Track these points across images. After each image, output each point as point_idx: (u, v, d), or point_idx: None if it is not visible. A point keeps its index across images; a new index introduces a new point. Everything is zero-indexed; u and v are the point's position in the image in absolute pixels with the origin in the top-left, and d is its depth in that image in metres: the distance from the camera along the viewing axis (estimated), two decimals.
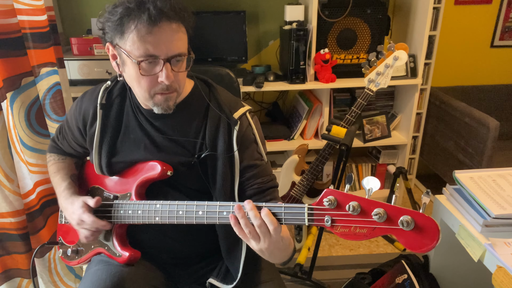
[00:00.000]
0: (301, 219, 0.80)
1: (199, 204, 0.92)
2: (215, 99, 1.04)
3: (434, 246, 0.68)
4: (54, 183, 1.16)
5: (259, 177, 1.02)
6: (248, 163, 1.02)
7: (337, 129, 1.61)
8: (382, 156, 2.54)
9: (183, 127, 1.02)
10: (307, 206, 0.79)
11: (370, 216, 0.72)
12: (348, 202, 0.74)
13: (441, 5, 2.39)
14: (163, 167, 1.00)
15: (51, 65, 1.51)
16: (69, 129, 1.14)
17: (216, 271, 1.11)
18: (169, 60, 0.88)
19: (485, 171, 1.27)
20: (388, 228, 0.72)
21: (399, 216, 0.70)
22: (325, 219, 0.77)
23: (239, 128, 1.01)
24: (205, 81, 1.09)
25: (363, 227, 0.74)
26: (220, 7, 2.39)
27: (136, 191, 1.03)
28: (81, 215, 1.02)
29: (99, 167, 1.06)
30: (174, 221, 0.95)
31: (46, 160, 1.24)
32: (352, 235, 0.75)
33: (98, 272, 1.04)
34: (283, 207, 0.82)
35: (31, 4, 1.38)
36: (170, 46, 0.87)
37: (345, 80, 2.28)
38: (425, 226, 0.69)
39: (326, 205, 0.76)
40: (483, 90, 2.76)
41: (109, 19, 0.88)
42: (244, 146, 1.02)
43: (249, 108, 1.07)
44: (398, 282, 1.47)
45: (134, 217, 1.01)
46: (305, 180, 2.00)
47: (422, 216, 0.69)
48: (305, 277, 1.92)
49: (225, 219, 0.88)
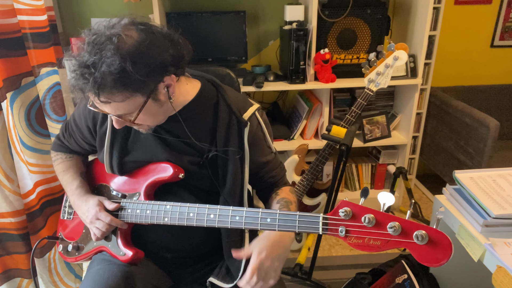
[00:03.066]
0: (316, 228, 0.82)
1: (211, 207, 0.93)
2: (224, 100, 1.04)
3: (447, 261, 0.69)
4: (64, 181, 1.16)
5: (272, 170, 1.11)
6: (261, 161, 1.07)
7: (337, 129, 1.61)
8: (382, 156, 2.54)
9: (193, 128, 1.02)
10: (322, 216, 0.81)
11: (385, 229, 0.74)
12: (364, 214, 0.76)
13: (441, 5, 2.39)
14: (175, 169, 1.00)
15: (51, 65, 1.51)
16: (77, 127, 1.14)
17: (216, 271, 1.11)
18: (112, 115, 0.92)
19: (485, 171, 1.27)
20: (402, 241, 0.73)
21: (414, 230, 0.72)
22: (339, 229, 0.79)
23: (250, 129, 1.03)
24: (212, 81, 1.09)
25: (377, 239, 0.76)
26: (220, 7, 2.39)
27: (146, 191, 1.03)
28: (97, 213, 1.03)
29: (110, 166, 1.06)
30: (184, 223, 0.96)
31: (52, 158, 1.24)
32: (366, 246, 0.77)
33: (101, 271, 1.04)
34: (297, 215, 0.84)
35: (31, 4, 1.38)
36: (104, 109, 0.90)
37: (345, 80, 2.28)
38: (438, 241, 0.70)
39: (341, 215, 0.78)
40: (483, 90, 2.76)
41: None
42: (255, 145, 1.05)
43: (257, 107, 1.08)
44: (398, 282, 1.47)
45: (142, 216, 1.01)
46: (305, 180, 2.00)
47: (435, 232, 0.71)
48: (305, 277, 1.92)
49: (237, 223, 0.89)
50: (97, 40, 0.83)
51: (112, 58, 0.80)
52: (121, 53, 0.81)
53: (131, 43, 0.83)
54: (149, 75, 0.85)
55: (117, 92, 0.84)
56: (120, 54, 0.81)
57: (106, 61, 0.80)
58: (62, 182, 1.17)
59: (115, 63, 0.80)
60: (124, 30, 0.85)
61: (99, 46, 0.82)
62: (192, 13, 2.26)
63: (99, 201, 1.05)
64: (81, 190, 1.11)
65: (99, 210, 1.03)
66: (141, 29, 0.86)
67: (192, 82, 1.04)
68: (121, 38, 0.83)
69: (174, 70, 0.90)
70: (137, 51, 0.83)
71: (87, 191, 1.12)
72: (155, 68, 0.86)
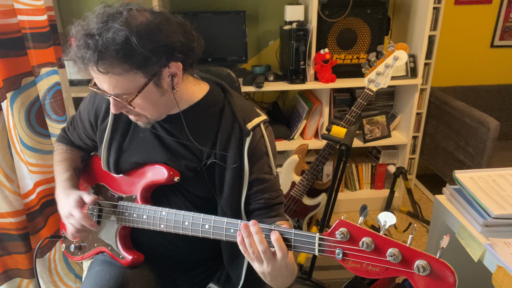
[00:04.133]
0: (311, 248, 0.77)
1: (206, 217, 0.90)
2: (229, 106, 1.01)
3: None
4: (56, 172, 1.15)
5: (266, 192, 1.00)
6: (257, 176, 0.99)
7: (337, 129, 1.61)
8: (382, 156, 2.54)
9: (194, 131, 0.99)
10: (318, 236, 0.76)
11: (384, 255, 0.69)
12: (362, 237, 0.71)
13: (441, 5, 2.39)
14: (170, 172, 0.98)
15: (51, 65, 1.51)
16: (81, 121, 1.13)
17: (217, 276, 1.10)
18: (110, 95, 0.88)
19: (485, 171, 1.27)
20: (402, 270, 0.68)
21: (415, 259, 0.67)
22: (336, 251, 0.74)
23: (252, 139, 0.98)
24: (221, 85, 1.05)
25: (376, 266, 0.71)
26: (220, 7, 2.39)
27: (142, 194, 1.02)
28: (71, 208, 1.00)
29: (107, 163, 1.05)
30: (179, 231, 0.94)
31: (54, 149, 1.23)
32: (364, 271, 0.72)
33: (102, 272, 1.03)
34: (293, 233, 0.79)
35: (31, 4, 1.38)
36: (103, 86, 0.87)
37: (345, 80, 2.28)
38: (441, 272, 0.65)
39: (338, 237, 0.73)
40: (483, 90, 2.76)
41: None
42: (254, 158, 0.99)
43: (264, 119, 1.03)
44: (398, 282, 1.47)
45: (138, 221, 1.00)
46: (305, 180, 2.00)
47: (438, 262, 0.66)
48: (305, 277, 1.92)
49: (232, 236, 0.86)
50: (108, 11, 0.82)
51: (119, 27, 0.79)
52: (129, 26, 0.79)
53: (141, 20, 0.82)
54: (153, 52, 0.81)
55: (117, 64, 0.81)
56: (128, 26, 0.79)
57: (111, 30, 0.79)
58: (55, 172, 1.16)
59: (120, 33, 0.78)
60: (138, 9, 0.84)
61: (108, 16, 0.81)
62: (192, 13, 2.26)
63: (79, 197, 1.02)
64: (67, 183, 1.09)
65: (74, 206, 1.00)
66: (154, 12, 0.86)
67: (200, 84, 1.02)
68: (133, 12, 0.82)
69: (181, 58, 0.87)
70: (146, 27, 0.81)
71: (73, 186, 1.10)
72: (161, 47, 0.83)
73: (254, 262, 0.83)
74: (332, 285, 1.94)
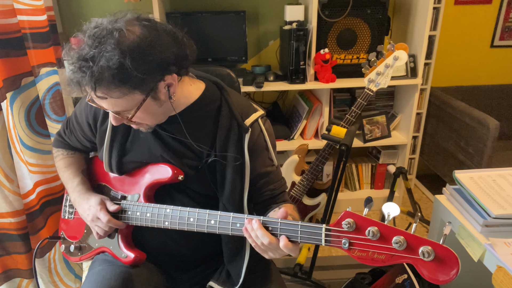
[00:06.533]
0: (318, 239, 0.80)
1: (212, 213, 0.92)
2: (227, 103, 1.01)
3: (453, 278, 0.68)
4: (64, 178, 1.16)
5: (271, 183, 1.04)
6: (260, 171, 1.02)
7: (337, 129, 1.61)
8: (382, 156, 2.54)
9: (193, 131, 1.00)
10: (325, 227, 0.79)
11: (389, 243, 0.72)
12: (368, 227, 0.74)
13: (441, 5, 2.39)
14: (174, 171, 0.98)
15: (51, 65, 1.51)
16: (78, 124, 1.13)
17: (216, 275, 1.11)
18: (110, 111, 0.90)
19: (485, 171, 1.27)
20: (407, 256, 0.71)
21: (419, 246, 0.70)
22: (342, 241, 0.77)
23: (251, 135, 0.99)
24: (217, 83, 1.06)
25: (381, 253, 0.73)
26: (220, 7, 2.39)
27: (145, 193, 1.03)
28: (97, 212, 1.02)
29: (109, 165, 1.05)
30: (184, 227, 0.95)
31: (53, 155, 1.23)
32: (370, 259, 0.75)
33: (103, 272, 1.03)
34: (299, 225, 0.81)
35: (31, 4, 1.38)
36: (102, 104, 0.89)
37: (345, 80, 2.28)
38: (444, 257, 0.68)
39: (344, 227, 0.76)
40: (483, 90, 2.76)
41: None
42: (255, 153, 1.01)
43: (261, 114, 1.04)
44: (398, 282, 1.47)
45: (142, 219, 1.00)
46: (305, 180, 2.00)
47: (441, 248, 0.69)
48: (305, 277, 1.92)
49: (238, 230, 0.88)
50: (98, 33, 0.81)
51: (112, 52, 0.78)
52: (121, 48, 0.79)
53: (132, 39, 0.81)
54: (148, 73, 0.83)
55: (115, 88, 0.82)
56: (120, 49, 0.79)
57: (105, 55, 0.79)
58: (62, 179, 1.17)
59: (114, 58, 0.78)
60: (127, 25, 0.83)
61: (100, 39, 0.80)
62: (192, 13, 2.26)
63: (101, 200, 1.04)
64: (82, 187, 1.10)
65: (100, 209, 1.02)
66: (144, 25, 0.85)
67: (196, 84, 1.02)
68: (123, 33, 0.81)
69: (176, 69, 0.88)
70: (138, 47, 0.81)
71: (89, 188, 1.11)
72: (156, 66, 0.84)
73: (264, 253, 0.87)
74: (332, 285, 1.94)
